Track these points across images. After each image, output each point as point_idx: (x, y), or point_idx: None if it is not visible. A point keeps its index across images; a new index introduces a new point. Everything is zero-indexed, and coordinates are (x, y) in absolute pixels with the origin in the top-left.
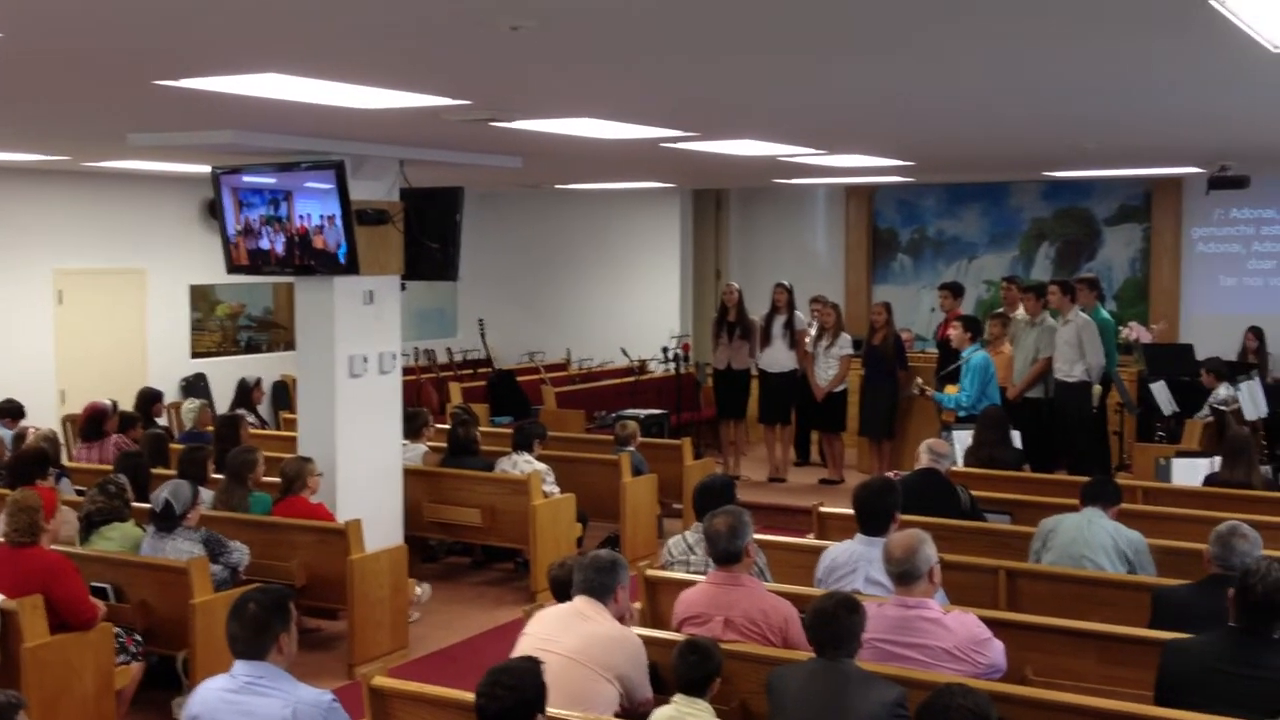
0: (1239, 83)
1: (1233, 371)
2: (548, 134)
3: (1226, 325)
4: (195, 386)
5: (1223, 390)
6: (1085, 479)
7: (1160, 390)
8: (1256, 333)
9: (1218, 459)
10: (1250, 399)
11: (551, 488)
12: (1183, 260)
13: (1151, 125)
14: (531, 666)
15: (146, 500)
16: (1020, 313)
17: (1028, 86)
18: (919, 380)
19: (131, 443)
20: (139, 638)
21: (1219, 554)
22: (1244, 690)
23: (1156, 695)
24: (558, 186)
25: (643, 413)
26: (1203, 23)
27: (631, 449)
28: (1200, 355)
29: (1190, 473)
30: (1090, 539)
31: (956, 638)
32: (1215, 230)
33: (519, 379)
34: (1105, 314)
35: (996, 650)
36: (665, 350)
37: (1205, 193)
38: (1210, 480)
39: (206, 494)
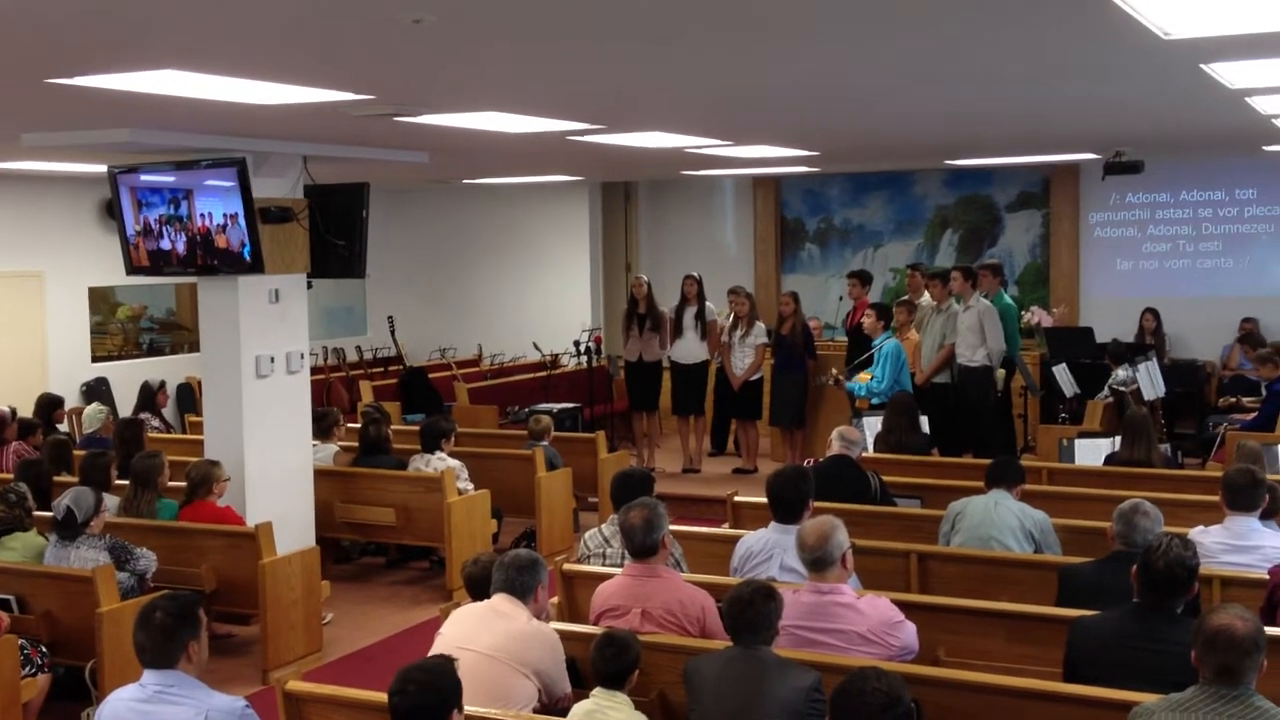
0: (1131, 69)
1: (1131, 353)
2: (453, 128)
3: (1124, 307)
4: (97, 391)
5: (1122, 372)
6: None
7: (1062, 372)
8: (1154, 314)
9: (1118, 439)
10: (1148, 379)
11: (466, 484)
12: (1081, 245)
13: (1047, 112)
14: (444, 663)
15: (49, 508)
16: (926, 299)
17: (926, 76)
18: (833, 370)
19: (32, 450)
20: (45, 649)
21: (1122, 531)
22: (1149, 664)
23: (1065, 671)
24: (466, 181)
25: (556, 407)
26: (1094, 10)
27: (545, 443)
28: (1100, 338)
29: (1092, 453)
30: (997, 520)
31: (870, 621)
32: (1112, 215)
33: (431, 376)
34: (1008, 299)
35: (909, 632)
36: (577, 344)
37: (1101, 178)
38: (1111, 459)
39: (112, 500)
